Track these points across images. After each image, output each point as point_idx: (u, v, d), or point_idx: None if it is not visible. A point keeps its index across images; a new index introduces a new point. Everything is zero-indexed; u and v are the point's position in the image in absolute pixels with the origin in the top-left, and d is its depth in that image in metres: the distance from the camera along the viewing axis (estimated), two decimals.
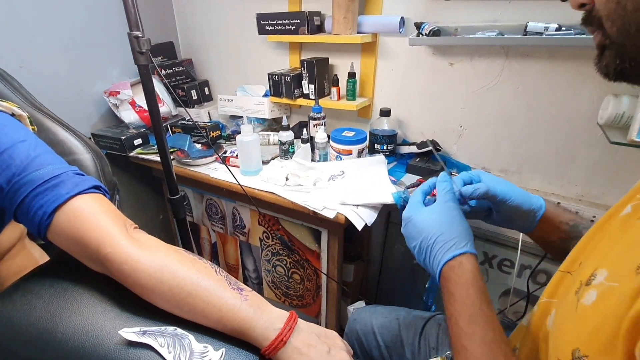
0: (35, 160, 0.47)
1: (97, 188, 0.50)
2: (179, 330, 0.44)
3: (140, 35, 0.77)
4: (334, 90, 1.22)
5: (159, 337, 0.43)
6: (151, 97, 0.85)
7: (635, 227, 0.39)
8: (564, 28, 0.85)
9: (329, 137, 1.16)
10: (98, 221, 0.45)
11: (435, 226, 0.52)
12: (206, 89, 1.59)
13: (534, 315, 0.48)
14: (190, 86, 1.51)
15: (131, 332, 0.42)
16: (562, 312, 0.41)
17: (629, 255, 0.34)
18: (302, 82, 1.24)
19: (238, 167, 1.15)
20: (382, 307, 0.86)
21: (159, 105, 1.39)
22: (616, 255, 0.37)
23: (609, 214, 0.44)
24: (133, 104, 1.34)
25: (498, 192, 0.58)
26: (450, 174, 0.59)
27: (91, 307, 0.45)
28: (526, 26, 0.89)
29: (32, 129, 0.67)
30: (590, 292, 0.36)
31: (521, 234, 1.03)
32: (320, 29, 1.23)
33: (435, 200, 0.56)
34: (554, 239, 0.61)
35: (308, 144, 1.15)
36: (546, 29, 0.86)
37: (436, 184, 0.58)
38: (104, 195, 0.51)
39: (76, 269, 0.48)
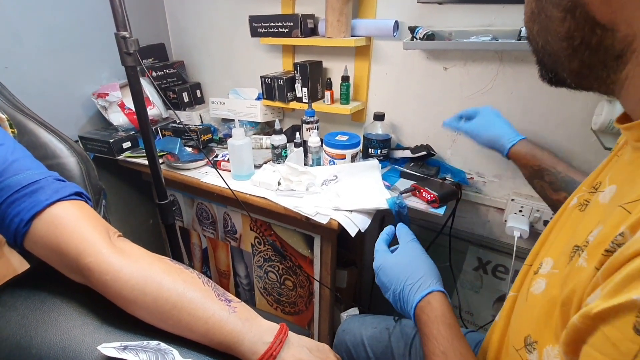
0: (12, 164, 0.45)
1: (78, 195, 0.48)
2: (162, 345, 0.42)
3: (127, 35, 0.75)
4: (327, 93, 1.21)
5: (141, 352, 0.40)
6: (139, 99, 0.83)
7: (575, 215, 0.41)
8: None
9: (322, 141, 1.14)
10: (79, 229, 0.43)
11: (402, 271, 0.54)
12: (198, 91, 1.57)
13: (503, 310, 0.49)
14: (181, 88, 1.49)
15: (111, 347, 0.40)
16: (518, 304, 0.44)
17: (568, 243, 0.36)
18: (295, 85, 1.22)
19: (229, 171, 1.12)
20: (372, 317, 0.84)
21: (149, 107, 1.36)
22: (559, 244, 0.40)
23: (563, 207, 0.46)
24: (122, 106, 1.31)
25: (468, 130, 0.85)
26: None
27: (69, 321, 0.43)
28: (520, 31, 0.88)
29: (12, 132, 0.64)
30: (538, 281, 0.39)
31: (515, 238, 1.02)
32: (313, 32, 1.22)
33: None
34: (524, 171, 0.77)
35: (301, 148, 1.13)
36: None
37: (396, 231, 0.62)
38: (86, 202, 0.49)
39: (55, 279, 0.46)
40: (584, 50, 0.32)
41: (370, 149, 1.16)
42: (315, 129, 1.15)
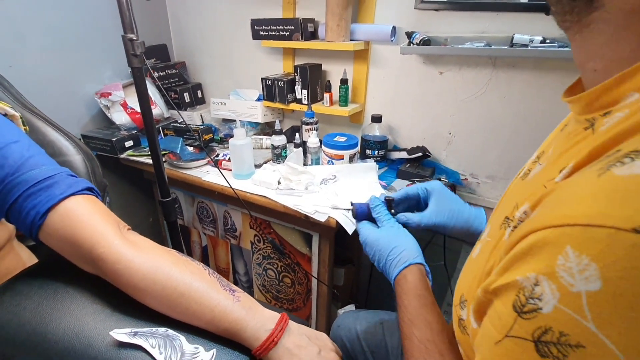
0: (28, 160, 0.47)
1: (90, 190, 0.50)
2: (170, 331, 0.45)
3: (134, 38, 0.78)
4: (326, 95, 1.24)
5: (150, 338, 0.43)
6: (144, 100, 0.85)
7: (514, 185, 0.43)
8: (548, 40, 0.88)
9: (321, 142, 1.17)
10: (92, 221, 0.46)
11: (385, 246, 0.57)
12: (199, 92, 1.59)
13: None
14: (183, 89, 1.51)
15: (122, 333, 0.42)
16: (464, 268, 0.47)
17: (502, 213, 0.38)
18: (295, 87, 1.25)
19: (230, 170, 1.15)
20: (366, 312, 0.87)
21: (151, 107, 1.39)
22: (498, 213, 0.42)
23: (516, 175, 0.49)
24: (125, 105, 1.34)
25: (434, 225, 0.61)
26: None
27: (82, 309, 0.45)
28: (512, 38, 0.92)
29: (24, 129, 0.66)
30: (477, 247, 0.42)
31: None
32: (313, 35, 1.25)
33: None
34: None
35: (300, 149, 1.16)
36: (531, 41, 0.89)
37: (370, 208, 0.65)
38: (97, 197, 0.51)
39: (66, 270, 0.48)
40: None
41: (367, 150, 1.19)
42: (314, 129, 1.18)
